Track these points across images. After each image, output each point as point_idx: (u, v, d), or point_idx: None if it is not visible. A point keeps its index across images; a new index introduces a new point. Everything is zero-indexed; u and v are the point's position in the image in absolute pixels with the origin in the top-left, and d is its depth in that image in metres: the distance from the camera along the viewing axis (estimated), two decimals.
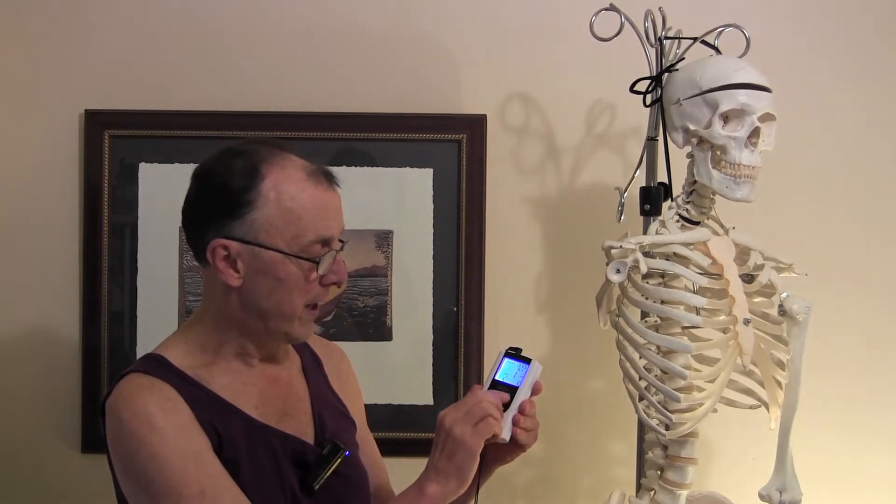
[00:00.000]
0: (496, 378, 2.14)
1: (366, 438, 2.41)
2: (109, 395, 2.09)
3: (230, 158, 2.10)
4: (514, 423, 2.11)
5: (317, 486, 2.13)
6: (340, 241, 2.14)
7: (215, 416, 2.07)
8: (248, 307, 2.11)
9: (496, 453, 2.16)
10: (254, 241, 2.06)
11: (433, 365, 3.04)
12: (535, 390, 2.15)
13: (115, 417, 2.05)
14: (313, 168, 2.11)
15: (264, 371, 2.20)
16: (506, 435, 2.09)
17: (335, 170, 2.17)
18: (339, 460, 2.16)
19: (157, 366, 2.10)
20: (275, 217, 2.06)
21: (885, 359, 3.08)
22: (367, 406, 2.98)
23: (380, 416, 2.99)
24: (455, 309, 3.03)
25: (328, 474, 2.14)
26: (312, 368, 2.33)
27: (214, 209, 2.08)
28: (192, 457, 2.01)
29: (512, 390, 2.12)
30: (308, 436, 2.20)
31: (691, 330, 2.52)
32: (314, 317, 2.16)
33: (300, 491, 2.13)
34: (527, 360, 2.15)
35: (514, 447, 2.15)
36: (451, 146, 3.03)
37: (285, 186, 2.06)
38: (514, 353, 2.16)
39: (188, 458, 2.00)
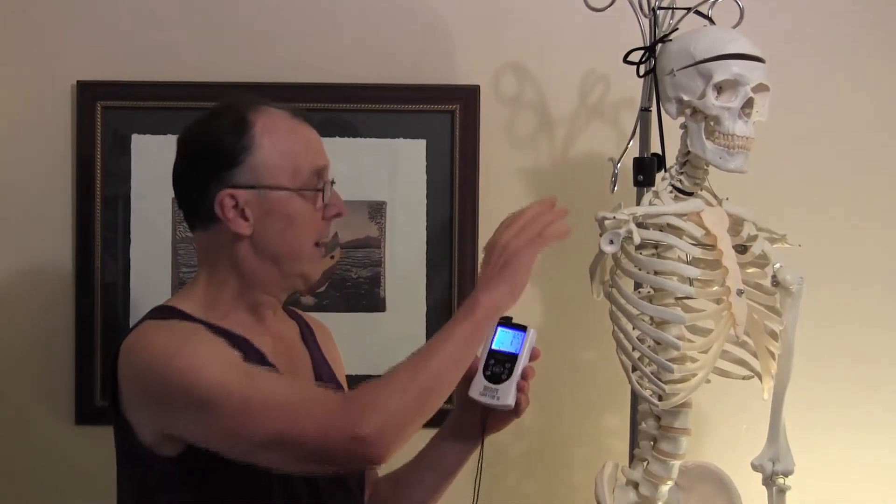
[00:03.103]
0: (493, 348, 2.16)
1: None
2: (121, 345, 2.07)
3: (214, 116, 2.15)
4: (519, 389, 2.14)
5: None
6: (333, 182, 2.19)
7: (236, 348, 2.06)
8: (260, 254, 2.12)
9: (494, 421, 2.20)
10: (258, 184, 2.09)
11: (426, 336, 3.03)
12: (534, 356, 2.18)
13: (139, 355, 2.03)
14: (293, 110, 2.16)
15: (271, 328, 2.21)
16: (511, 401, 2.13)
17: (328, 140, 2.19)
18: None
19: (173, 314, 2.11)
20: (272, 157, 2.10)
21: (880, 335, 3.09)
22: (360, 377, 2.98)
23: None
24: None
25: None
26: (308, 336, 2.35)
27: (212, 164, 2.10)
28: (228, 359, 1.99)
29: (512, 358, 2.14)
30: None
31: (685, 300, 2.52)
32: (322, 255, 2.19)
33: None
34: (522, 328, 2.17)
35: (511, 413, 2.19)
36: (444, 117, 3.02)
37: (275, 127, 2.12)
38: (507, 322, 2.17)
39: (224, 359, 1.99)
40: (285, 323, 2.31)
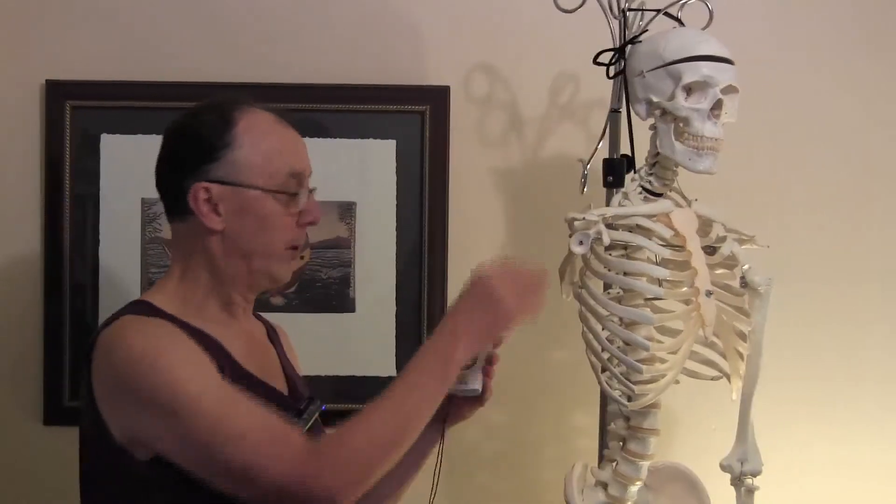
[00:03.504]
0: None
1: None
2: (96, 340, 2.06)
3: (201, 111, 2.17)
4: (484, 373, 2.19)
5: None
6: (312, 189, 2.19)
7: (210, 354, 2.06)
8: (231, 251, 2.13)
9: (457, 409, 2.24)
10: (234, 181, 2.10)
11: (396, 336, 3.04)
12: (498, 342, 2.20)
13: (118, 353, 2.01)
14: (279, 114, 2.19)
15: (243, 326, 2.22)
16: (477, 385, 2.17)
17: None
18: (318, 414, 2.22)
19: (149, 309, 2.11)
20: (252, 156, 2.11)
21: (849, 333, 3.11)
22: (329, 378, 3.00)
23: (342, 387, 3.00)
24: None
25: (308, 428, 2.15)
26: (273, 336, 2.38)
27: (192, 155, 2.12)
28: (205, 374, 2.00)
29: None
30: (284, 392, 2.24)
31: (654, 301, 2.52)
32: (294, 257, 2.20)
33: None
34: None
35: (475, 402, 2.25)
36: (414, 118, 3.02)
37: (258, 128, 2.13)
38: None
39: (202, 374, 1.99)
40: (254, 323, 2.32)
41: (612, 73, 2.68)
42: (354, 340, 3.04)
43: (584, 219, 2.44)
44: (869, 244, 3.12)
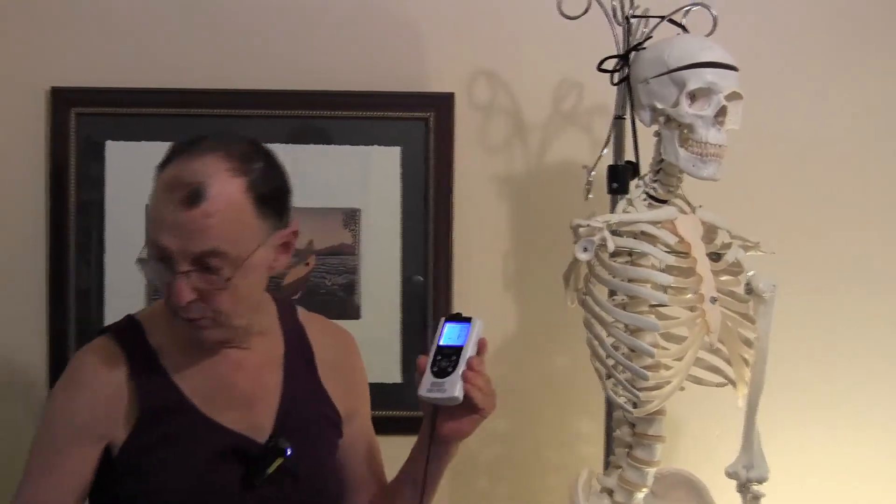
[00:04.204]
0: (440, 344, 2.14)
1: (361, 440, 2.38)
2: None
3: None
4: (465, 380, 2.08)
5: (257, 484, 2.11)
6: (186, 271, 2.01)
7: (159, 397, 2.10)
8: None
9: (452, 420, 2.14)
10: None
11: (402, 343, 3.04)
12: (481, 346, 2.14)
13: None
14: (181, 182, 1.99)
15: (228, 355, 2.18)
16: (457, 393, 2.07)
17: (303, 147, 2.17)
18: (281, 460, 2.12)
19: (127, 333, 2.15)
20: (149, 213, 2.07)
21: (854, 341, 3.11)
22: None
23: None
24: (422, 279, 3.03)
25: (269, 473, 2.11)
26: (296, 359, 2.28)
27: None
28: (64, 427, 2.13)
29: (457, 350, 2.11)
30: (263, 429, 2.16)
31: (659, 308, 2.53)
32: (194, 328, 2.08)
33: (241, 486, 2.11)
34: (467, 320, 2.15)
35: (470, 411, 2.12)
36: (418, 124, 3.02)
37: (156, 187, 2.03)
38: (454, 317, 2.18)
39: (60, 426, 2.14)
40: (256, 347, 2.22)
41: (616, 79, 2.68)
42: (360, 347, 3.03)
43: (588, 225, 2.44)
44: (874, 250, 3.12)
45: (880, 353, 3.12)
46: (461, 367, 2.09)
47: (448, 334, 2.15)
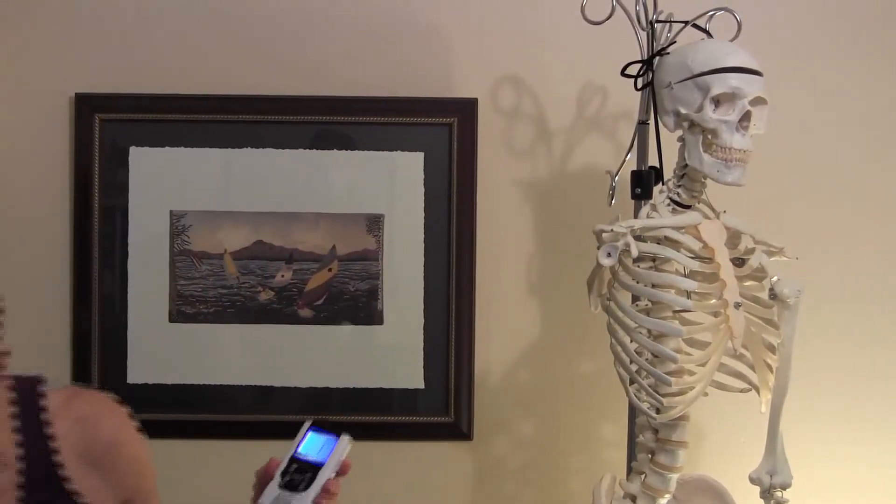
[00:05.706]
0: (296, 454, 1.85)
1: None
2: None
3: None
4: None
5: None
6: None
7: None
8: None
9: None
10: None
11: (424, 349, 3.04)
12: (343, 469, 1.86)
13: None
14: None
15: None
16: None
17: (326, 153, 2.16)
18: None
19: None
20: None
21: (878, 348, 3.09)
22: (357, 389, 2.97)
23: (371, 400, 3.00)
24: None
25: None
26: (37, 479, 2.01)
27: None
28: None
29: (315, 467, 1.84)
30: None
31: (682, 313, 2.52)
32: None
33: None
34: (335, 435, 1.87)
35: None
36: (442, 130, 3.02)
37: None
38: (322, 425, 1.89)
39: None
40: None
41: (639, 84, 2.68)
42: (382, 352, 3.04)
43: (612, 231, 2.44)
44: None
45: None
46: (315, 490, 1.81)
47: (309, 444, 1.86)
